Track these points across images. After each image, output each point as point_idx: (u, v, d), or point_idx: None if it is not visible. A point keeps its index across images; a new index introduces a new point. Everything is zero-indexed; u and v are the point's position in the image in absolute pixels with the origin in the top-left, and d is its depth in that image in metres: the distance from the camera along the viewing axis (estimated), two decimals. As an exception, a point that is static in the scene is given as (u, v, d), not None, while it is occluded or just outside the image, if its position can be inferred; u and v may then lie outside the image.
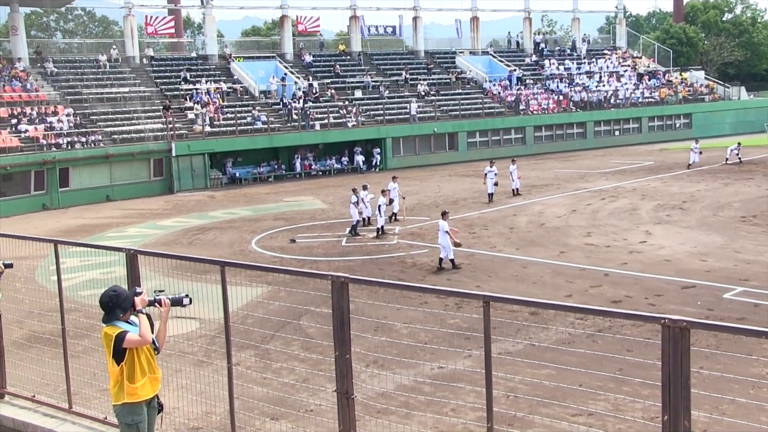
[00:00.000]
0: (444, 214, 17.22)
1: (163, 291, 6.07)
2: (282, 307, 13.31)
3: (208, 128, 37.96)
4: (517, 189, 28.86)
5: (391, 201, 23.27)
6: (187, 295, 6.06)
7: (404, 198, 24.54)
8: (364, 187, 23.92)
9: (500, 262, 17.77)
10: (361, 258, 19.07)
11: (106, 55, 41.81)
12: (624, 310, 5.34)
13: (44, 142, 33.49)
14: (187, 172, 36.05)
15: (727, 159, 36.65)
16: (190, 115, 38.86)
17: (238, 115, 39.29)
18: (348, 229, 21.93)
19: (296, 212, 27.48)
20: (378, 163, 41.90)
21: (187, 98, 40.06)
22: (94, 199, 33.08)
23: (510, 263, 17.65)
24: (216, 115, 39.18)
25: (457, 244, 17.15)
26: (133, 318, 5.92)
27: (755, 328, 4.44)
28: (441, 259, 16.90)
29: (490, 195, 27.58)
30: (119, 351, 5.73)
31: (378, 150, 41.92)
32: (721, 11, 78.85)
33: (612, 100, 51.85)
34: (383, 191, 22.96)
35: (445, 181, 35.49)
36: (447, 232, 16.72)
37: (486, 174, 27.64)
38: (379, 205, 21.99)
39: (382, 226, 21.79)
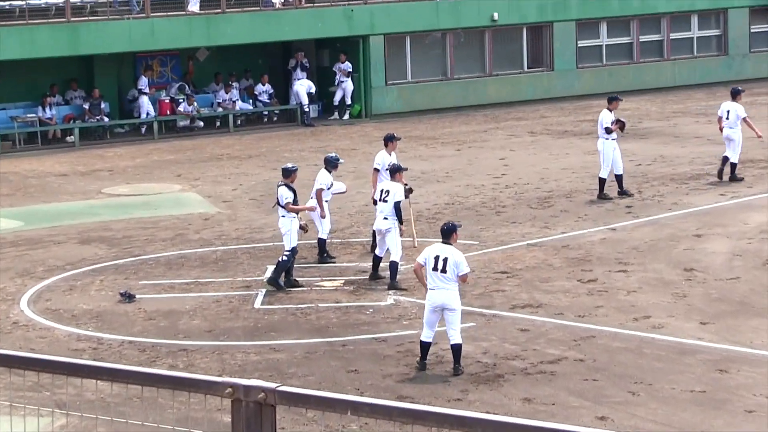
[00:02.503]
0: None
1: None
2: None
3: None
4: (730, 166, 29.89)
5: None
6: None
7: (410, 189, 24.60)
8: (330, 163, 23.99)
9: (663, 356, 17.93)
10: (305, 342, 19.25)
11: None
12: None
13: None
14: None
15: None
16: None
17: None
18: (276, 272, 21.98)
19: (137, 224, 27.86)
20: (349, 102, 42.53)
21: None
22: None
23: (687, 358, 17.83)
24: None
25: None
26: None
27: None
28: (426, 345, 17.72)
29: (602, 182, 28.58)
30: None
31: (348, 66, 42.50)
32: None
33: None
34: (394, 171, 22.85)
35: (522, 147, 36.05)
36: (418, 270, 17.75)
37: (603, 128, 28.49)
38: (394, 205, 22.15)
39: (396, 264, 22.05)
